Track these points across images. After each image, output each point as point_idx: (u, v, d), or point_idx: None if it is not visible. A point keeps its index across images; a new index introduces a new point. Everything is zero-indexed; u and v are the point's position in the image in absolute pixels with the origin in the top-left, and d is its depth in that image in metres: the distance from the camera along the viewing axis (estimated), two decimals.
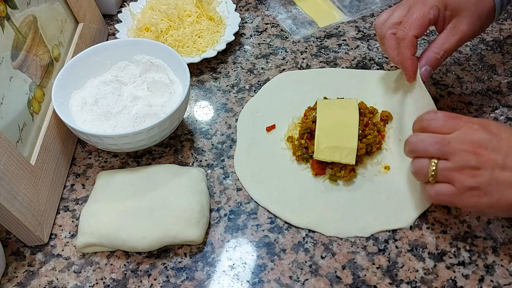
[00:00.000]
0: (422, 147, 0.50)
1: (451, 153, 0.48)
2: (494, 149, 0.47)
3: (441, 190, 0.49)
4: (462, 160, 0.47)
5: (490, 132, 0.48)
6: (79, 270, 0.54)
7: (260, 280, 0.53)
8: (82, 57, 0.66)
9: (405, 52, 0.57)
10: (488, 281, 0.51)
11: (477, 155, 0.47)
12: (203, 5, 0.79)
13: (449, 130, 0.49)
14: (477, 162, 0.47)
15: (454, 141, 0.48)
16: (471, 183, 0.47)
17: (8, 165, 0.52)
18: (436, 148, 0.49)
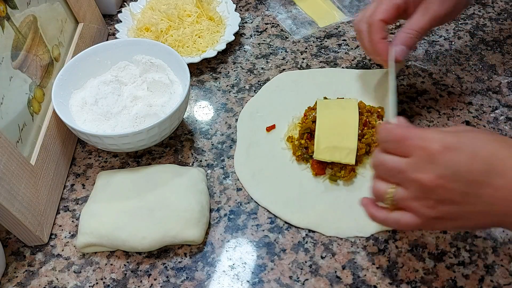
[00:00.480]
0: (382, 170, 0.46)
1: (407, 183, 0.43)
2: (452, 179, 0.41)
3: (403, 222, 0.45)
4: (418, 191, 0.42)
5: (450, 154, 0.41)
6: (79, 270, 0.54)
7: (260, 280, 0.53)
8: (82, 57, 0.66)
9: (374, 37, 0.58)
10: (488, 281, 0.51)
11: (434, 187, 0.41)
12: (203, 5, 0.79)
13: (406, 153, 0.43)
14: (435, 194, 0.42)
15: (410, 169, 0.43)
16: (431, 213, 0.43)
17: (8, 165, 0.52)
18: (392, 175, 0.44)
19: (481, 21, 0.82)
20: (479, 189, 0.40)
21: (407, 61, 0.75)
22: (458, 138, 0.42)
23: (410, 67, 0.74)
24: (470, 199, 0.41)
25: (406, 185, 0.43)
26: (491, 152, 0.41)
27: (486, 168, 0.40)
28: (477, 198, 0.41)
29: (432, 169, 0.41)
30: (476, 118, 0.67)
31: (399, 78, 0.73)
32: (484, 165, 0.41)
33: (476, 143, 0.42)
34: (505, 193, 0.40)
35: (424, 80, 0.72)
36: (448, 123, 0.66)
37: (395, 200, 0.44)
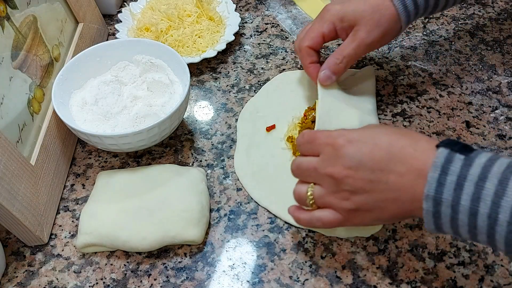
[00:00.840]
0: (299, 173, 0.50)
1: (321, 179, 0.47)
2: (358, 168, 0.44)
3: (325, 218, 0.48)
4: (331, 185, 0.46)
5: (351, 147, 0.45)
6: (79, 270, 0.54)
7: (260, 280, 0.53)
8: (82, 57, 0.66)
9: (303, 60, 0.64)
10: (488, 281, 0.51)
11: (343, 179, 0.45)
12: (203, 5, 0.79)
13: (317, 151, 0.48)
14: (346, 186, 0.45)
15: (320, 165, 0.47)
16: (347, 206, 0.46)
17: (8, 165, 0.52)
18: (307, 175, 0.48)
19: (481, 21, 0.82)
20: (384, 175, 0.44)
21: (406, 61, 0.75)
22: (360, 133, 0.47)
23: (410, 67, 0.74)
24: (378, 186, 0.44)
25: (321, 181, 0.47)
26: (390, 142, 0.44)
27: (387, 156, 0.44)
28: (385, 185, 0.44)
29: (339, 162, 0.45)
30: (476, 118, 0.67)
31: (399, 78, 0.73)
32: (385, 153, 0.44)
33: (376, 135, 0.46)
34: (408, 178, 0.43)
35: (424, 80, 0.72)
36: (448, 123, 0.66)
37: (314, 198, 0.48)
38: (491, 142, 0.64)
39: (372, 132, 0.47)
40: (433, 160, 0.41)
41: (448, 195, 0.40)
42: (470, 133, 0.65)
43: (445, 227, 0.42)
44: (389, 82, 0.72)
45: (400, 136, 0.45)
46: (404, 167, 0.43)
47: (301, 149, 0.50)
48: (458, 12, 0.84)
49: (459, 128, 0.66)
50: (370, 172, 0.44)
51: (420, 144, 0.44)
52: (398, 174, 0.43)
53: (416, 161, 0.43)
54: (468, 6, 0.84)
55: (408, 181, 0.43)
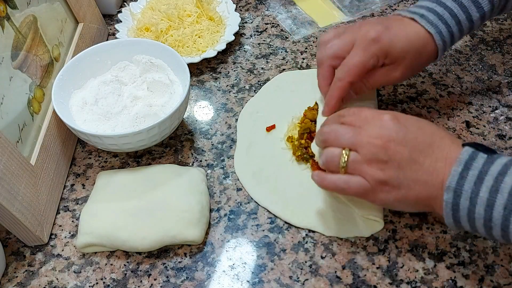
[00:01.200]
0: (334, 136, 0.50)
1: (360, 145, 0.48)
2: (401, 142, 0.47)
3: (353, 184, 0.48)
4: (369, 152, 0.47)
5: (399, 124, 0.48)
6: (79, 270, 0.54)
7: (260, 280, 0.53)
8: (82, 57, 0.66)
9: (336, 92, 0.57)
10: (488, 281, 0.51)
11: (384, 148, 0.46)
12: (203, 5, 0.79)
13: (361, 123, 0.49)
14: (384, 155, 0.46)
15: (364, 133, 0.48)
16: (379, 176, 0.47)
17: (8, 165, 0.52)
18: (347, 138, 0.49)
19: None
20: (422, 157, 0.46)
21: None
22: (406, 116, 0.49)
23: None
24: (414, 165, 0.46)
25: (359, 147, 0.48)
26: (433, 131, 0.48)
27: (429, 141, 0.47)
28: (420, 166, 0.46)
29: (384, 132, 0.47)
30: (476, 118, 0.67)
31: None
32: (428, 138, 0.47)
33: (421, 122, 0.49)
34: (441, 163, 0.46)
35: (424, 80, 0.72)
36: (448, 123, 0.66)
37: (348, 163, 0.48)
38: (491, 142, 0.64)
39: (416, 118, 0.50)
40: (458, 156, 0.45)
41: (468, 187, 0.43)
42: (470, 133, 0.65)
43: (463, 220, 0.44)
44: None
45: (439, 128, 0.49)
46: (440, 153, 0.46)
47: (342, 119, 0.51)
48: None
49: (459, 128, 0.66)
50: (411, 149, 0.46)
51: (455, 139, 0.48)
52: (434, 159, 0.46)
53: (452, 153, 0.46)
54: None
55: (441, 167, 0.45)
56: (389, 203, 0.49)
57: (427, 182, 0.46)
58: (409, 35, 0.56)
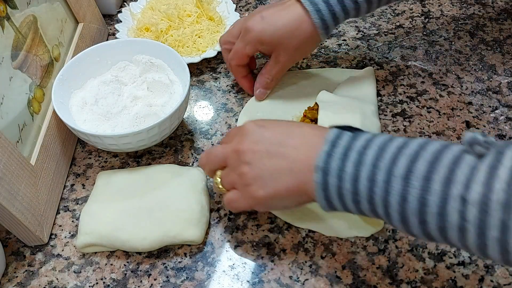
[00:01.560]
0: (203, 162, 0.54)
1: (226, 158, 0.50)
2: (257, 142, 0.48)
3: (228, 198, 0.51)
4: (233, 160, 0.49)
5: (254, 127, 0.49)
6: (79, 270, 0.54)
7: (260, 280, 0.53)
8: (82, 57, 0.66)
9: (235, 75, 0.70)
10: (488, 281, 0.51)
11: (243, 151, 0.48)
12: (203, 5, 0.79)
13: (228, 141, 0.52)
14: (245, 158, 0.48)
15: (228, 146, 0.50)
16: (247, 179, 0.48)
17: (8, 165, 0.52)
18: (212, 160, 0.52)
19: (481, 21, 0.82)
20: (281, 147, 0.47)
21: (406, 61, 0.75)
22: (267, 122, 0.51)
23: (410, 67, 0.74)
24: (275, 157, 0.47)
25: (227, 160, 0.50)
26: (291, 124, 0.50)
27: (286, 131, 0.48)
28: (281, 156, 0.46)
29: (245, 139, 0.49)
30: (476, 118, 0.67)
31: (399, 78, 0.73)
32: (285, 129, 0.49)
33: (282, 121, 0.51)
34: (303, 150, 0.46)
35: (424, 80, 0.72)
36: (448, 123, 0.66)
37: (222, 179, 0.51)
38: None
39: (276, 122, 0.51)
40: (324, 137, 0.45)
41: (335, 165, 0.43)
42: None
43: (333, 199, 0.44)
44: (389, 82, 0.72)
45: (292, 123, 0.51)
46: (300, 140, 0.46)
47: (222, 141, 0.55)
48: (458, 12, 0.84)
49: (459, 128, 0.66)
50: (269, 144, 0.47)
51: (318, 127, 0.49)
52: (295, 146, 0.46)
53: (312, 137, 0.46)
54: (468, 6, 0.85)
55: (303, 152, 0.45)
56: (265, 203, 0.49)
57: (292, 170, 0.46)
58: (283, 19, 0.62)
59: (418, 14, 0.84)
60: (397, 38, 0.79)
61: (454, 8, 0.84)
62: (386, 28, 0.81)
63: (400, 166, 0.40)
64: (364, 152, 0.42)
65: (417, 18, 0.83)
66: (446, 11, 0.84)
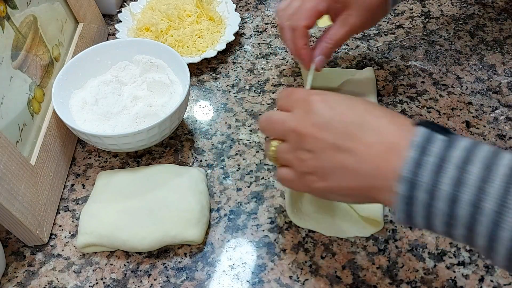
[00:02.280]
0: (265, 125, 0.47)
1: (286, 133, 0.44)
2: (324, 127, 0.41)
3: (280, 175, 0.46)
4: (295, 141, 0.43)
5: (326, 105, 0.42)
6: (79, 270, 0.54)
7: (260, 280, 0.53)
8: (82, 57, 0.66)
9: (298, 42, 0.58)
10: (488, 281, 0.51)
11: (307, 135, 0.42)
12: (203, 5, 0.79)
13: (292, 107, 0.44)
14: (308, 144, 0.42)
15: (290, 120, 0.43)
16: (304, 167, 0.43)
17: (8, 165, 0.52)
18: (275, 128, 0.45)
19: (481, 21, 0.82)
20: (351, 142, 0.40)
21: (406, 61, 0.75)
22: (338, 96, 0.43)
23: (410, 67, 0.74)
24: (338, 154, 0.40)
25: (286, 137, 0.44)
26: (365, 109, 0.41)
27: (359, 121, 0.40)
28: (349, 152, 0.40)
29: (308, 118, 0.42)
30: (476, 118, 0.67)
31: (399, 78, 0.73)
32: (358, 118, 0.41)
33: (354, 100, 0.43)
34: (378, 149, 0.39)
35: (424, 80, 0.72)
36: (448, 123, 0.66)
37: (277, 154, 0.45)
38: (491, 142, 0.64)
39: (351, 98, 0.43)
40: (412, 139, 0.37)
41: (426, 178, 0.36)
42: (470, 133, 0.65)
43: (417, 216, 0.38)
44: (389, 82, 0.72)
45: (378, 107, 0.43)
46: (375, 137, 0.39)
47: (278, 103, 0.47)
48: (458, 12, 0.84)
49: (459, 128, 0.66)
50: (337, 134, 0.40)
51: (398, 119, 0.40)
52: (367, 145, 0.39)
53: (391, 134, 0.39)
54: (468, 6, 0.85)
55: (377, 153, 0.39)
56: (321, 194, 0.44)
57: (359, 171, 0.39)
58: None
59: (418, 14, 0.84)
60: (397, 38, 0.79)
61: (454, 8, 0.84)
62: (386, 28, 0.81)
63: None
64: (465, 168, 0.35)
65: (417, 18, 0.83)
66: (446, 11, 0.84)
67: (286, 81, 0.74)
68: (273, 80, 0.74)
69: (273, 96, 0.71)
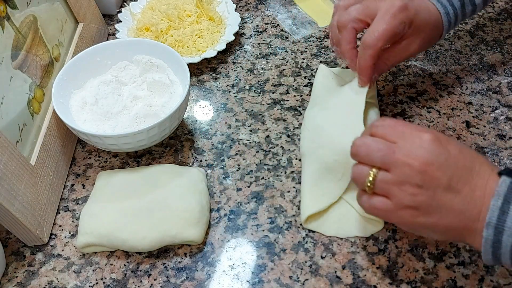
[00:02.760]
0: (365, 152, 0.46)
1: (394, 164, 0.43)
2: (440, 167, 0.42)
3: (375, 204, 0.45)
4: (403, 174, 0.43)
5: (441, 146, 0.43)
6: (79, 270, 0.54)
7: (260, 280, 0.53)
8: (82, 57, 0.66)
9: (369, 60, 0.56)
10: (488, 281, 0.51)
11: (421, 172, 0.42)
12: (203, 5, 0.79)
13: (396, 138, 0.45)
14: (420, 180, 0.42)
15: (399, 151, 0.43)
16: (409, 201, 0.43)
17: (8, 165, 0.52)
18: (378, 156, 0.44)
19: (481, 21, 0.82)
20: (461, 184, 0.43)
21: (407, 61, 0.75)
22: (447, 138, 0.45)
23: (410, 67, 0.74)
24: (450, 193, 0.42)
25: (391, 167, 0.44)
26: (473, 155, 0.45)
27: (469, 165, 0.43)
28: (457, 194, 0.42)
29: (422, 155, 0.43)
30: (476, 118, 0.67)
31: (399, 78, 0.73)
32: (469, 162, 0.44)
33: (462, 145, 0.46)
34: (480, 192, 0.42)
35: (424, 80, 0.72)
36: (448, 123, 0.66)
37: (376, 181, 0.44)
38: (491, 142, 0.64)
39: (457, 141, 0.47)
40: (495, 188, 0.41)
41: (511, 224, 0.40)
42: (470, 133, 0.65)
43: (504, 258, 0.41)
44: (389, 82, 0.72)
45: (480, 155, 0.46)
46: (480, 181, 0.43)
47: (378, 131, 0.46)
48: None
49: (459, 128, 0.66)
50: (450, 176, 0.42)
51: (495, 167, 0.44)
52: (473, 188, 0.43)
53: (491, 181, 0.42)
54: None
55: (479, 197, 0.42)
56: (415, 228, 0.46)
57: (463, 212, 0.42)
58: (428, 8, 0.59)
59: None
60: None
61: None
62: None
63: None
64: None
65: None
66: None
67: (286, 81, 0.74)
68: (273, 80, 0.74)
69: (273, 96, 0.72)
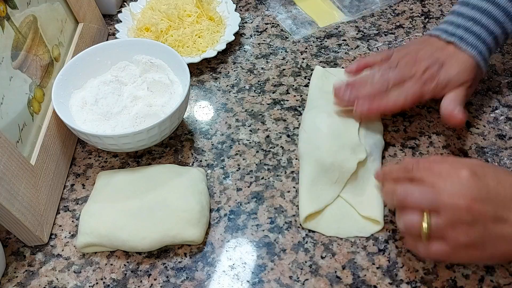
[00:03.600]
0: (410, 199, 0.47)
1: (443, 207, 0.45)
2: (484, 201, 0.44)
3: (435, 251, 0.46)
4: (453, 215, 0.44)
5: (479, 180, 0.45)
6: (79, 270, 0.55)
7: (260, 280, 0.53)
8: (82, 57, 0.66)
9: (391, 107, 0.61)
10: (488, 281, 0.51)
11: (468, 209, 0.44)
12: (203, 5, 0.79)
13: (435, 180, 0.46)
14: (469, 217, 0.44)
15: (443, 193, 0.45)
16: (465, 240, 0.44)
17: (8, 165, 0.52)
18: (425, 201, 0.46)
19: None
20: (506, 212, 0.44)
21: None
22: (483, 168, 0.47)
23: None
24: (499, 223, 0.44)
25: (441, 210, 0.45)
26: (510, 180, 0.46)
27: (510, 193, 0.45)
28: (505, 222, 0.44)
29: (465, 192, 0.44)
30: (476, 118, 0.67)
31: None
32: (509, 190, 0.45)
33: (498, 172, 0.47)
34: None
35: None
36: None
37: (432, 227, 0.45)
38: (491, 142, 0.64)
39: (493, 168, 0.48)
40: None
41: None
42: (470, 133, 0.65)
43: None
44: None
45: None
46: None
47: (416, 175, 0.48)
48: None
49: (459, 128, 0.66)
50: (496, 207, 0.44)
51: None
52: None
53: None
54: None
55: None
56: (473, 262, 0.50)
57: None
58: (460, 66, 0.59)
59: (418, 14, 0.84)
60: (397, 38, 0.79)
61: None
62: (386, 28, 0.81)
63: None
64: None
65: (417, 18, 0.83)
66: (446, 11, 0.84)
67: (286, 81, 0.74)
68: (273, 80, 0.74)
69: (273, 96, 0.72)
